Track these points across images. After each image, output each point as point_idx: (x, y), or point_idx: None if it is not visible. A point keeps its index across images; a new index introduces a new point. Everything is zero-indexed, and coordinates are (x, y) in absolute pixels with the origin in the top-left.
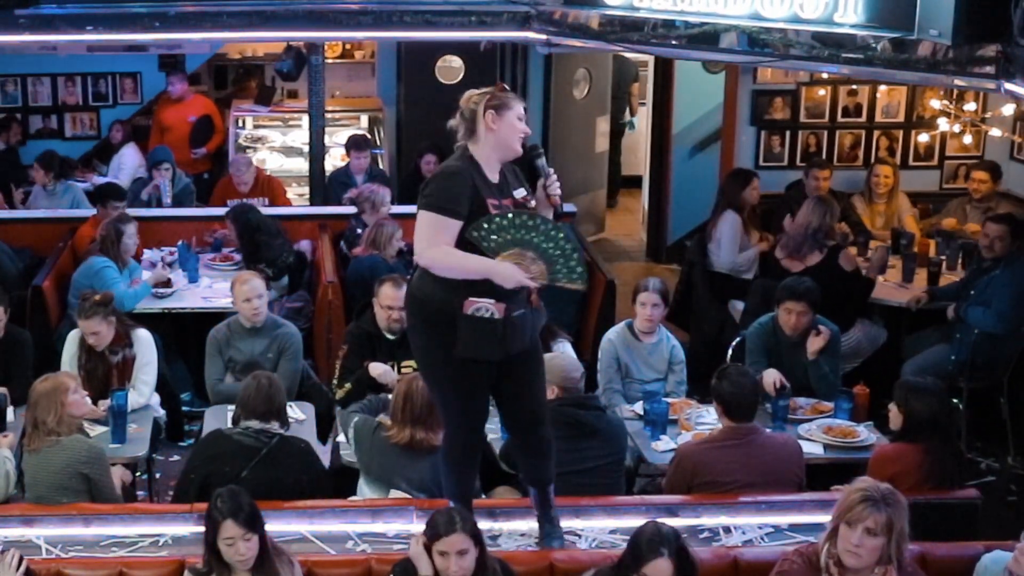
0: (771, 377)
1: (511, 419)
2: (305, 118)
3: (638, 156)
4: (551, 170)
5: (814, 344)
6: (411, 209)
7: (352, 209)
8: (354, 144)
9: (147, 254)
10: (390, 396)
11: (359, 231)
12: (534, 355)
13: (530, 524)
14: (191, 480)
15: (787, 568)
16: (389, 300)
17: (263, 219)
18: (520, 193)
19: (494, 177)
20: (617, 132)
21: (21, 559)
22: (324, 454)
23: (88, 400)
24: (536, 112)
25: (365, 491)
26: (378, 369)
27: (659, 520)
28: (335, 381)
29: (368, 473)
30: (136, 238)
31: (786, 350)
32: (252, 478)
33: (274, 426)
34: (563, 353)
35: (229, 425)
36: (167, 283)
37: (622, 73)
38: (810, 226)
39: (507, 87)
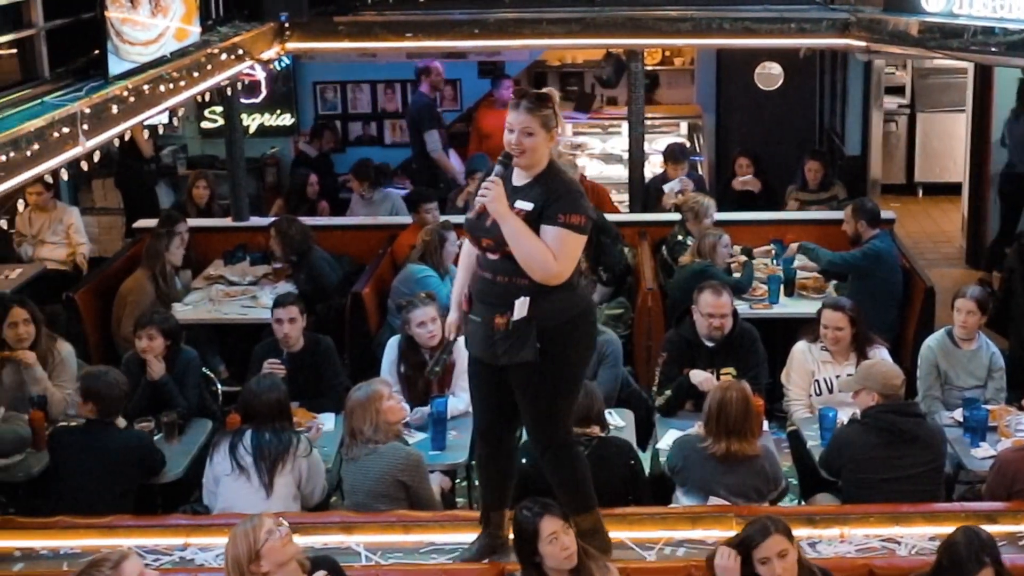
0: (697, 378)
1: None
2: (624, 125)
3: (957, 163)
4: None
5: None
6: (730, 216)
7: (671, 216)
8: (671, 156)
9: None
10: None
11: (680, 238)
12: (522, 373)
13: (847, 530)
14: None
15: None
16: (709, 307)
17: (607, 222)
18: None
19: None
20: None
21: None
22: (644, 461)
23: (405, 404)
24: (855, 119)
25: (682, 500)
26: (699, 376)
27: (972, 526)
28: (655, 388)
29: (684, 485)
30: (457, 246)
31: None
32: None
33: (594, 430)
34: (882, 360)
35: None
36: None
37: None
38: None
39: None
